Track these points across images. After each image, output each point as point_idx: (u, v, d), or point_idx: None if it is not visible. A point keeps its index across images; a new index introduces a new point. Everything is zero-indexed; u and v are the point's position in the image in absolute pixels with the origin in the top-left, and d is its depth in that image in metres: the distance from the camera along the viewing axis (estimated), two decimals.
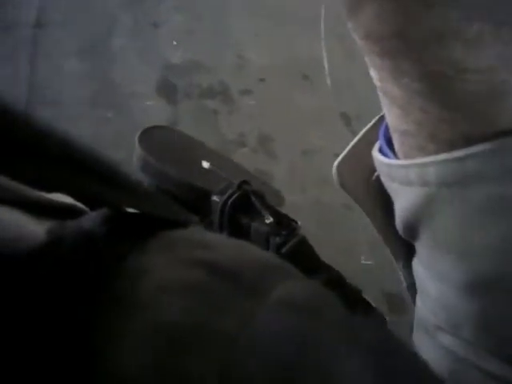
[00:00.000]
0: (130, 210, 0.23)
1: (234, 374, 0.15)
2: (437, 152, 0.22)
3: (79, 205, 0.24)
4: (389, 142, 0.26)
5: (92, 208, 0.25)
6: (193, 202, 0.41)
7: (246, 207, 0.40)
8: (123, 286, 0.18)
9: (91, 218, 0.21)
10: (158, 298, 0.17)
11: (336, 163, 0.32)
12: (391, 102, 0.23)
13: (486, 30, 0.18)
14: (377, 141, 0.28)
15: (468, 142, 0.20)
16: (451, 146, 0.21)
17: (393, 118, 0.24)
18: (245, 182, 0.40)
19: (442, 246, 0.24)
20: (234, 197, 0.40)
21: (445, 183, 0.22)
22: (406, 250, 0.28)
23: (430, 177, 0.22)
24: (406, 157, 0.24)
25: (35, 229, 0.19)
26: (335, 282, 0.41)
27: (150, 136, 0.45)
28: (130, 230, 0.22)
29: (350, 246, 1.23)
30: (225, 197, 0.40)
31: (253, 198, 0.40)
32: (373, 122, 0.30)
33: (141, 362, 0.15)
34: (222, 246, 0.23)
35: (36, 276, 0.16)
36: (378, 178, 0.28)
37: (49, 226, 0.19)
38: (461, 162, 0.21)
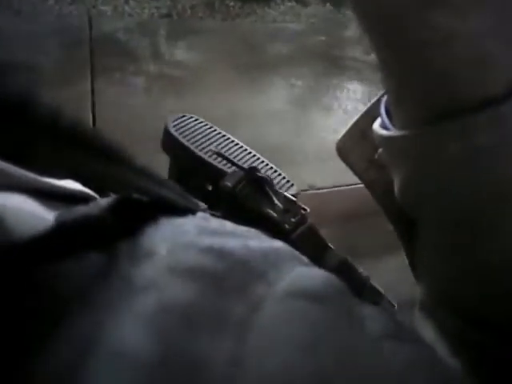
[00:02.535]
0: (139, 196, 0.23)
1: (244, 359, 0.15)
2: (428, 121, 0.21)
3: (89, 191, 0.24)
4: (391, 117, 0.26)
5: (101, 194, 0.25)
6: (205, 183, 0.41)
7: (255, 194, 0.40)
8: (131, 267, 0.18)
9: (100, 205, 0.21)
10: (166, 279, 0.17)
11: (338, 138, 0.32)
12: (383, 71, 0.23)
13: None
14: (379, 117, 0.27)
15: (457, 109, 0.20)
16: (442, 114, 0.21)
17: (386, 87, 0.24)
18: (255, 169, 0.40)
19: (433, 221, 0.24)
20: (243, 183, 0.40)
21: (434, 155, 0.21)
22: (407, 226, 0.28)
23: (422, 148, 0.22)
24: (403, 128, 0.24)
25: (46, 215, 0.19)
26: (343, 268, 0.41)
27: (180, 121, 0.46)
28: (139, 215, 0.22)
29: None
30: (234, 182, 0.40)
31: (262, 185, 0.40)
32: (376, 98, 0.30)
33: (145, 339, 0.14)
34: (231, 233, 0.23)
35: (44, 259, 0.16)
36: (381, 155, 0.28)
37: (58, 213, 0.19)
38: (450, 134, 0.21)
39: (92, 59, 2.18)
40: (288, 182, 0.44)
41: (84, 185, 0.24)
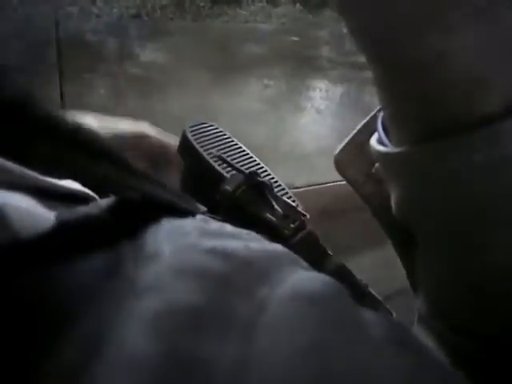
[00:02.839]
0: (138, 197, 0.23)
1: (250, 360, 0.15)
2: (425, 138, 0.21)
3: (89, 192, 0.24)
4: (388, 132, 0.26)
5: (101, 195, 0.24)
6: (206, 187, 0.41)
7: (255, 198, 0.39)
8: (134, 268, 0.17)
9: (100, 205, 0.21)
10: (170, 281, 0.17)
11: (336, 152, 0.32)
12: (379, 87, 0.23)
13: (466, 16, 0.18)
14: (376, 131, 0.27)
15: (454, 127, 0.20)
16: (439, 131, 0.21)
17: (382, 103, 0.24)
18: (255, 173, 0.40)
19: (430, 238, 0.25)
20: (243, 187, 0.39)
21: (431, 172, 0.22)
22: (404, 239, 0.28)
23: (418, 165, 0.22)
24: (399, 145, 0.24)
25: (46, 214, 0.19)
26: (342, 275, 0.40)
27: (198, 127, 0.47)
28: (139, 216, 0.22)
29: None
30: (234, 187, 0.39)
31: (262, 190, 0.39)
32: (373, 112, 0.30)
33: (149, 341, 0.14)
34: (232, 235, 0.23)
35: (47, 258, 0.16)
36: (378, 169, 0.28)
37: (58, 212, 0.19)
38: (447, 152, 0.21)
39: (60, 62, 2.12)
40: (290, 197, 0.44)
41: (83, 185, 0.24)
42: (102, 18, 2.47)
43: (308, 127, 2.22)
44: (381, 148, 0.25)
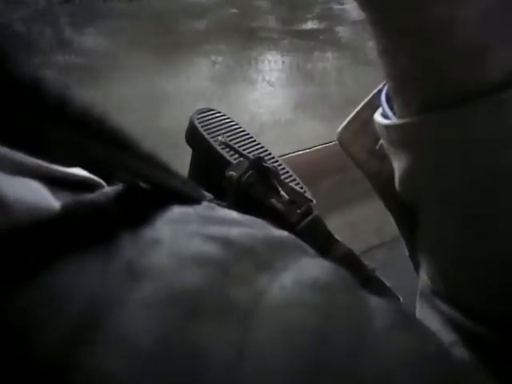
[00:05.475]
0: (144, 184, 0.23)
1: (248, 346, 0.15)
2: (429, 109, 0.22)
3: (96, 179, 0.24)
4: (392, 106, 0.26)
5: (108, 182, 0.24)
6: (214, 174, 0.40)
7: (261, 184, 0.39)
8: (134, 254, 0.17)
9: (106, 193, 0.21)
10: (170, 266, 0.17)
11: (340, 129, 0.31)
12: (384, 58, 0.23)
13: None
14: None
15: (457, 97, 0.21)
16: (442, 102, 0.21)
17: (387, 75, 0.24)
18: (260, 159, 0.39)
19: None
20: (248, 173, 0.39)
21: (434, 143, 0.22)
22: (407, 218, 0.28)
23: (421, 136, 0.22)
24: (403, 117, 0.24)
25: (52, 201, 0.18)
26: (348, 260, 0.41)
27: (205, 114, 0.47)
28: (144, 204, 0.21)
29: None
30: (240, 173, 0.39)
31: (268, 176, 0.39)
32: (378, 88, 0.30)
33: (149, 329, 0.14)
34: (237, 222, 0.23)
35: (47, 245, 0.16)
36: (382, 146, 0.28)
37: (65, 199, 0.19)
38: (450, 122, 0.21)
39: None
40: (297, 183, 0.43)
41: (90, 172, 0.23)
42: (29, 5, 2.31)
43: (262, 100, 2.20)
44: (384, 121, 0.25)
